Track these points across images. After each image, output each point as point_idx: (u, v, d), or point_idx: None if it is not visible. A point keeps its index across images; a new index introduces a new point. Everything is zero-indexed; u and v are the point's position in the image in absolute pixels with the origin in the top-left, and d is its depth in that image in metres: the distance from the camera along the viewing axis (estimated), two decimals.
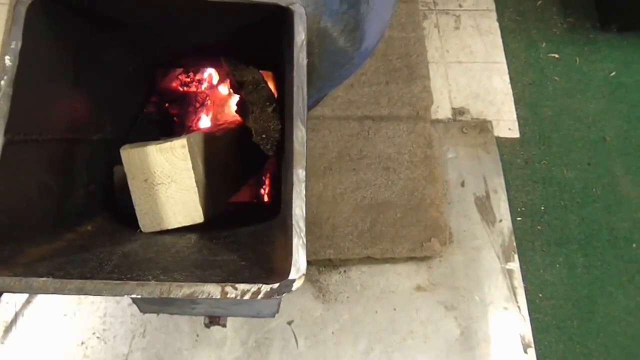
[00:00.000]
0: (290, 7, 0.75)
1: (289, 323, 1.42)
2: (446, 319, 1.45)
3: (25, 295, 1.38)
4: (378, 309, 1.45)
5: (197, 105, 1.32)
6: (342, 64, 1.17)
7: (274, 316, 1.33)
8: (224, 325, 1.20)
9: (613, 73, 1.86)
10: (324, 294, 1.46)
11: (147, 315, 1.38)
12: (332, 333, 1.42)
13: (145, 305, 1.18)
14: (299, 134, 0.71)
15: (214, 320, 1.18)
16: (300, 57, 0.74)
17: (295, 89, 0.72)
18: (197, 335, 1.38)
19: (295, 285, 0.64)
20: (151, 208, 0.84)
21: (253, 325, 1.40)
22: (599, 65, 1.87)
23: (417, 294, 1.47)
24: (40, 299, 1.38)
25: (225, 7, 0.76)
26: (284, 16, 0.78)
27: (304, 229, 0.67)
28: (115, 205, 0.99)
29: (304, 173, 0.70)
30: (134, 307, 1.38)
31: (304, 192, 0.69)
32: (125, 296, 0.61)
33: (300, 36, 0.74)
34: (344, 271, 1.49)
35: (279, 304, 1.18)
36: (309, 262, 0.65)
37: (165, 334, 1.38)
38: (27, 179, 0.71)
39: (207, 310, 1.16)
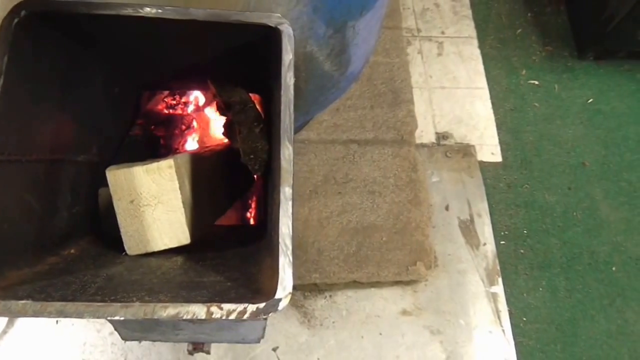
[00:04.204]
0: (279, 27, 0.75)
1: (274, 349, 1.40)
2: (432, 344, 1.44)
3: (2, 325, 1.34)
4: (364, 334, 1.44)
5: (183, 127, 1.31)
6: (328, 87, 1.18)
7: (259, 341, 1.31)
8: (208, 352, 1.17)
9: (590, 100, 1.90)
10: (310, 319, 1.44)
11: (128, 343, 1.35)
12: (318, 359, 1.40)
13: (127, 331, 1.15)
14: (286, 152, 0.71)
15: (197, 346, 1.15)
16: (288, 77, 0.74)
17: (282, 107, 0.72)
18: None
19: (282, 305, 0.62)
20: (137, 230, 0.83)
21: (237, 352, 1.38)
22: (577, 92, 1.92)
23: (402, 318, 1.46)
24: (17, 328, 1.35)
25: (213, 27, 0.76)
26: (272, 37, 0.78)
27: (290, 247, 0.66)
28: (100, 228, 0.97)
29: (291, 191, 0.69)
30: (115, 335, 1.35)
31: (291, 210, 0.68)
32: (107, 323, 0.59)
33: (288, 55, 0.75)
34: (330, 296, 1.48)
35: (264, 328, 1.16)
36: (294, 287, 0.63)
37: None
38: (9, 200, 0.70)
39: (191, 336, 1.14)
